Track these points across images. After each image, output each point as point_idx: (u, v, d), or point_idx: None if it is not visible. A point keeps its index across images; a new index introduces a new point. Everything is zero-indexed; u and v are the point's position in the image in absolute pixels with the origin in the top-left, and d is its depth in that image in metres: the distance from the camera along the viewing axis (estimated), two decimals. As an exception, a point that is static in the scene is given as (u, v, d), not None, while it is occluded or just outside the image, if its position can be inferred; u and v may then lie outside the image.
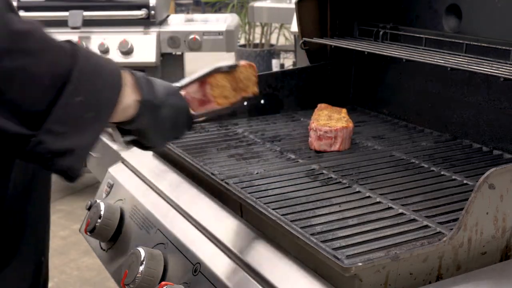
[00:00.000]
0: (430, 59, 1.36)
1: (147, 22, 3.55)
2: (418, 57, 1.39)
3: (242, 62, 1.17)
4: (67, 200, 3.69)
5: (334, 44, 1.64)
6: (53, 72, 0.79)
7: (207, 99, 1.11)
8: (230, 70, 1.14)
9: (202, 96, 1.11)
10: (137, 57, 3.42)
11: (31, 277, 1.09)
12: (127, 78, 0.91)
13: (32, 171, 1.05)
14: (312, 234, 0.97)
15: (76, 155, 0.83)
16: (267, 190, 1.15)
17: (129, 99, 0.91)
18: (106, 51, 3.38)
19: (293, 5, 1.93)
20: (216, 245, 1.10)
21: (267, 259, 1.01)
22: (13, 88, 0.76)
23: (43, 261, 1.12)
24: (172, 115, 1.01)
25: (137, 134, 0.99)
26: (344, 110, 1.50)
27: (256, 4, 4.85)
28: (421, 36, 1.51)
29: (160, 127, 0.99)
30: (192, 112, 1.07)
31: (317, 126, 1.38)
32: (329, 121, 1.41)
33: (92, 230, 1.31)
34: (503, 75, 1.19)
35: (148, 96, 0.94)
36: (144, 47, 3.44)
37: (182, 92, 1.06)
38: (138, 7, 3.54)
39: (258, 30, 6.48)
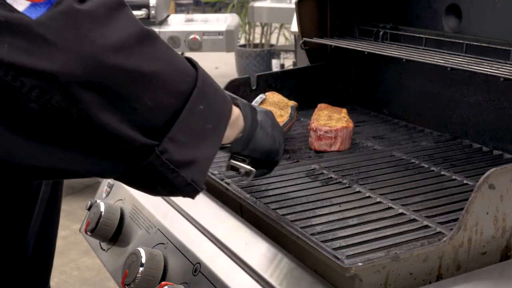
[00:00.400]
0: (430, 59, 1.36)
1: (147, 22, 3.55)
2: (418, 57, 1.39)
3: (267, 93, 1.45)
4: (67, 200, 3.69)
5: (334, 44, 1.64)
6: (184, 79, 0.77)
7: None
8: (264, 100, 1.40)
9: None
10: (137, 57, 3.41)
11: None
12: None
13: (49, 187, 1.02)
14: (312, 234, 0.97)
15: (200, 166, 0.79)
16: (267, 190, 1.15)
17: (235, 110, 0.90)
18: (106, 51, 3.38)
19: (293, 5, 1.93)
20: (216, 245, 1.10)
21: (267, 259, 1.01)
22: (147, 94, 0.72)
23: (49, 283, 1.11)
24: (267, 118, 1.02)
25: (252, 152, 0.99)
26: (344, 110, 1.50)
27: (256, 4, 4.86)
28: (421, 36, 1.51)
29: (265, 131, 0.99)
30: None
31: (317, 126, 1.39)
32: (329, 121, 1.41)
33: (92, 230, 1.31)
34: (503, 75, 1.19)
35: (245, 101, 0.96)
36: (144, 47, 3.44)
37: None
38: (138, 7, 3.54)
39: (258, 30, 6.48)
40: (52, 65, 0.65)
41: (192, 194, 0.82)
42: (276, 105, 1.41)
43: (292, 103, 1.46)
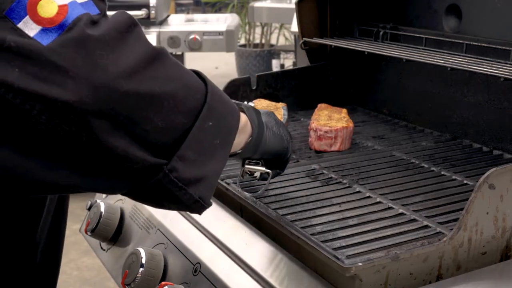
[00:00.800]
0: (430, 59, 1.36)
1: (147, 22, 3.55)
2: (418, 57, 1.39)
3: (254, 101, 1.47)
4: (67, 200, 3.69)
5: (334, 44, 1.64)
6: (193, 96, 0.76)
7: None
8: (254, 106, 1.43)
9: None
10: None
11: None
12: None
13: (56, 195, 1.02)
14: (312, 234, 0.97)
15: (208, 183, 0.79)
16: (267, 190, 1.15)
17: (242, 117, 0.89)
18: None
19: (293, 5, 1.93)
20: (216, 245, 1.10)
21: (267, 259, 1.01)
22: (158, 115, 0.71)
23: None
24: (270, 118, 1.02)
25: (263, 154, 0.99)
26: (344, 110, 1.50)
27: (256, 4, 4.86)
28: (421, 36, 1.51)
29: (272, 131, 0.99)
30: None
31: (317, 126, 1.39)
32: (329, 121, 1.41)
33: (92, 230, 1.31)
34: (503, 75, 1.19)
35: (248, 104, 0.96)
36: (144, 47, 3.44)
37: None
38: (138, 7, 3.54)
39: (258, 30, 6.48)
40: (63, 93, 0.64)
41: (199, 210, 0.81)
42: (269, 109, 1.43)
43: (281, 104, 1.46)
